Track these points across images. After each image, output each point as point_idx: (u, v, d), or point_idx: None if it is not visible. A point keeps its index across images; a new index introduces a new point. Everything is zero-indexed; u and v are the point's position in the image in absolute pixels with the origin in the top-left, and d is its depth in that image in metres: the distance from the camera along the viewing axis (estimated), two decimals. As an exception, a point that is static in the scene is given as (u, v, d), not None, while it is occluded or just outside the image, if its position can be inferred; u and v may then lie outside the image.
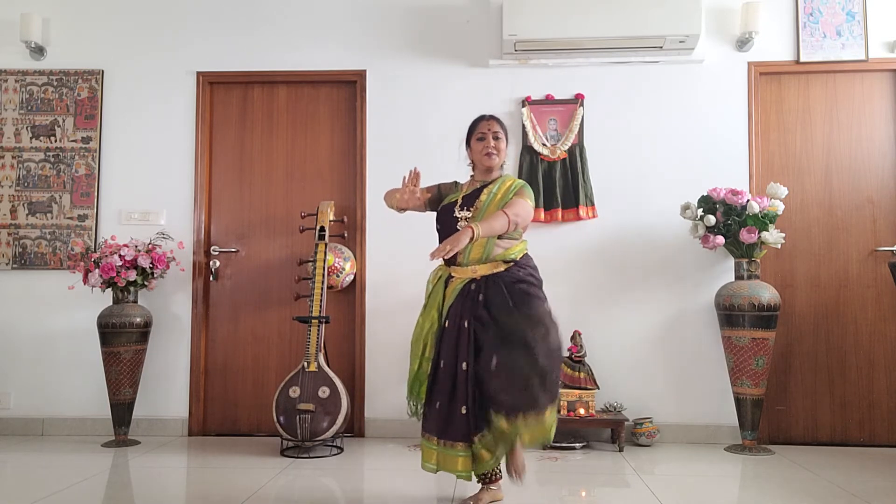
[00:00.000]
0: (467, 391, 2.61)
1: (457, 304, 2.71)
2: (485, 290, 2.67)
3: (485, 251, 2.71)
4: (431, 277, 2.89)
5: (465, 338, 2.64)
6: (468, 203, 2.80)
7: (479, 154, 2.84)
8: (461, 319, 2.67)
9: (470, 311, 2.66)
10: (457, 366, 2.64)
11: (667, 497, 2.99)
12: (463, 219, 2.77)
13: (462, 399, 2.62)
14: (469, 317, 2.66)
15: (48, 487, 3.10)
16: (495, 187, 2.82)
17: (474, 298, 2.68)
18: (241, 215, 4.37)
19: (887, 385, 4.05)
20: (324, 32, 4.34)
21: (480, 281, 2.70)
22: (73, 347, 4.25)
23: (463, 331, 2.66)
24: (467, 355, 2.63)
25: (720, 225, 3.80)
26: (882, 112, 4.17)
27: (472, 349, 2.62)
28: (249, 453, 3.77)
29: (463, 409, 2.61)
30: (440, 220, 2.86)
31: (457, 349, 2.65)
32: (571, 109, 4.21)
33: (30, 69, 4.38)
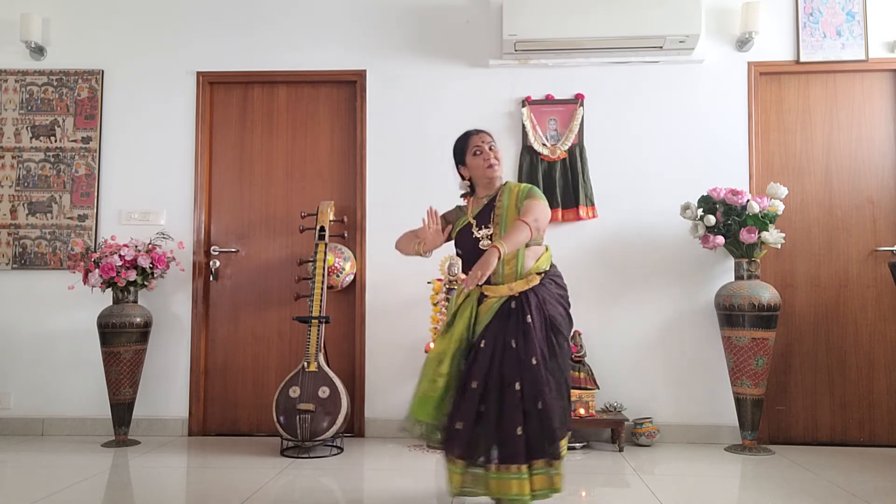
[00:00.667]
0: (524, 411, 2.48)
1: (497, 324, 2.58)
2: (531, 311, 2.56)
3: (518, 265, 2.63)
4: (457, 296, 2.77)
5: (515, 357, 2.52)
6: (483, 221, 2.70)
7: (481, 169, 2.72)
8: (507, 338, 2.54)
9: (516, 331, 2.55)
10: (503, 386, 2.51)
11: (667, 497, 2.99)
12: (484, 237, 2.66)
13: (518, 420, 2.47)
14: (516, 337, 2.54)
15: (48, 487, 3.10)
16: (504, 197, 2.71)
17: (520, 318, 2.56)
18: (241, 215, 4.37)
19: (887, 385, 4.05)
20: (324, 32, 4.35)
21: (520, 298, 2.59)
22: (73, 347, 4.25)
23: (510, 349, 2.53)
24: (521, 375, 2.50)
25: (720, 225, 3.80)
26: (882, 112, 4.17)
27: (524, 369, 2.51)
28: (249, 453, 3.77)
29: (519, 430, 2.47)
30: (461, 245, 2.76)
31: (501, 369, 2.52)
32: (571, 109, 4.21)
33: (30, 69, 4.38)
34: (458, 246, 2.77)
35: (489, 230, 2.67)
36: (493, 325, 2.58)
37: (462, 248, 2.76)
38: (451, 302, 2.80)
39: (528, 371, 2.49)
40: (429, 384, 2.62)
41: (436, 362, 2.63)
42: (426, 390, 2.62)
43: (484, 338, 2.58)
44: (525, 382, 2.49)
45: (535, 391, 2.49)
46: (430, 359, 2.67)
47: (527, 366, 2.50)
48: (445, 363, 2.60)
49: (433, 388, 2.60)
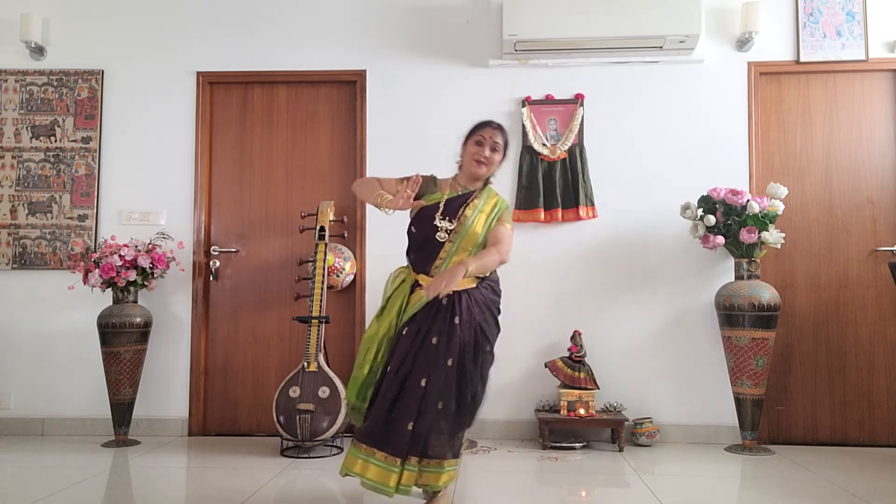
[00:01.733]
0: (420, 408, 2.49)
1: (424, 316, 2.58)
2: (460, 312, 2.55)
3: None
4: (392, 280, 2.77)
5: (431, 354, 2.52)
6: (450, 213, 2.66)
7: (470, 158, 2.70)
8: (429, 334, 2.54)
9: (440, 329, 2.54)
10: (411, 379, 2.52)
11: (667, 497, 2.99)
12: (443, 230, 2.63)
13: (412, 415, 2.49)
14: (439, 335, 2.53)
15: (48, 487, 3.10)
16: (481, 202, 2.69)
17: (447, 317, 2.55)
18: (241, 215, 4.37)
19: (887, 385, 4.05)
20: (324, 32, 4.35)
21: (452, 297, 2.57)
22: (73, 347, 4.25)
23: (429, 346, 2.53)
24: (429, 372, 2.51)
25: (720, 225, 3.80)
26: (882, 112, 4.17)
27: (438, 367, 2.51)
28: (249, 453, 3.77)
29: (410, 425, 2.49)
30: (418, 223, 2.71)
31: (414, 362, 2.53)
32: (571, 109, 4.21)
33: (30, 69, 4.38)
34: (415, 224, 2.72)
35: (451, 225, 2.64)
36: (420, 316, 2.58)
37: (417, 228, 2.70)
38: (387, 286, 2.78)
39: (440, 370, 2.50)
40: (358, 369, 2.65)
41: (365, 347, 2.65)
42: (356, 373, 2.65)
43: (408, 326, 2.58)
44: (431, 380, 2.49)
45: (441, 392, 2.49)
46: (362, 343, 2.69)
47: (440, 365, 2.50)
48: (373, 349, 2.62)
49: (360, 373, 2.63)
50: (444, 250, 2.63)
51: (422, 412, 2.49)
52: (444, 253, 2.63)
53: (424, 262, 2.66)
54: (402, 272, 2.76)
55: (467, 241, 2.63)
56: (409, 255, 2.76)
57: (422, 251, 2.68)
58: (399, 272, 2.77)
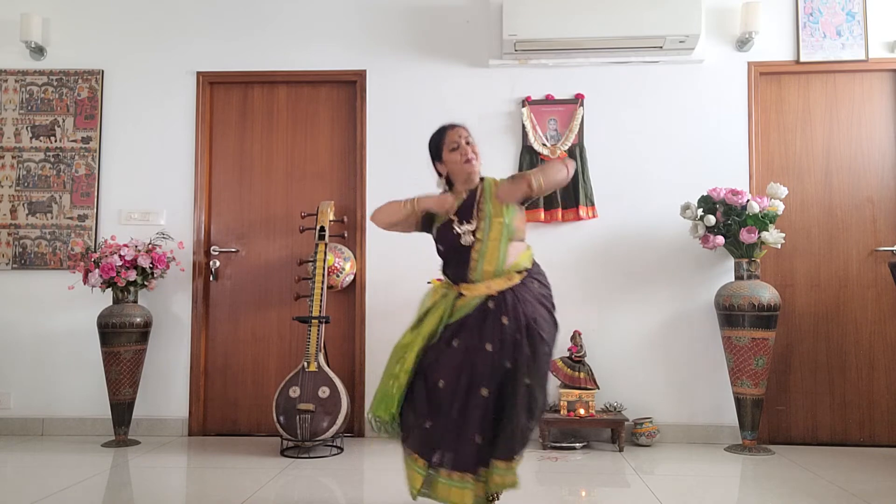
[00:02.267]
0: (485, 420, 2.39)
1: (473, 323, 2.47)
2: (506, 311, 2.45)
3: (499, 263, 2.52)
4: (431, 293, 2.68)
5: (488, 361, 2.41)
6: (465, 216, 2.59)
7: (459, 164, 2.63)
8: (482, 341, 2.43)
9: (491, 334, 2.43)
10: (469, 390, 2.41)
11: (667, 497, 2.99)
12: (466, 233, 2.55)
13: (477, 427, 2.38)
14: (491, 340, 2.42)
15: (48, 487, 3.10)
16: (486, 193, 2.63)
17: (496, 319, 2.45)
18: (241, 215, 4.37)
19: (887, 385, 4.05)
20: (324, 32, 4.35)
21: (498, 297, 2.48)
22: (73, 347, 4.25)
23: (484, 354, 2.42)
24: (490, 381, 2.40)
25: (720, 225, 3.80)
26: (882, 112, 4.17)
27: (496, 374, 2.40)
28: (249, 453, 3.77)
29: (478, 438, 2.38)
30: (442, 240, 2.64)
31: (472, 372, 2.41)
32: (571, 109, 4.21)
33: (30, 69, 4.38)
34: (439, 241, 2.65)
35: (471, 226, 2.57)
36: (469, 324, 2.48)
37: (443, 244, 2.64)
38: (425, 298, 2.70)
39: (500, 376, 2.40)
40: (392, 379, 2.54)
41: (399, 356, 2.56)
42: (386, 386, 2.55)
43: (458, 337, 2.48)
44: (492, 390, 2.40)
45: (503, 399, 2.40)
46: (395, 352, 2.60)
47: (498, 370, 2.40)
48: (410, 358, 2.52)
49: (395, 385, 2.52)
50: (475, 250, 2.55)
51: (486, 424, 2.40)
52: (476, 253, 2.54)
53: (461, 271, 2.57)
54: (442, 287, 2.66)
55: (496, 232, 2.54)
56: (446, 271, 2.67)
57: (454, 262, 2.60)
58: (439, 287, 2.67)
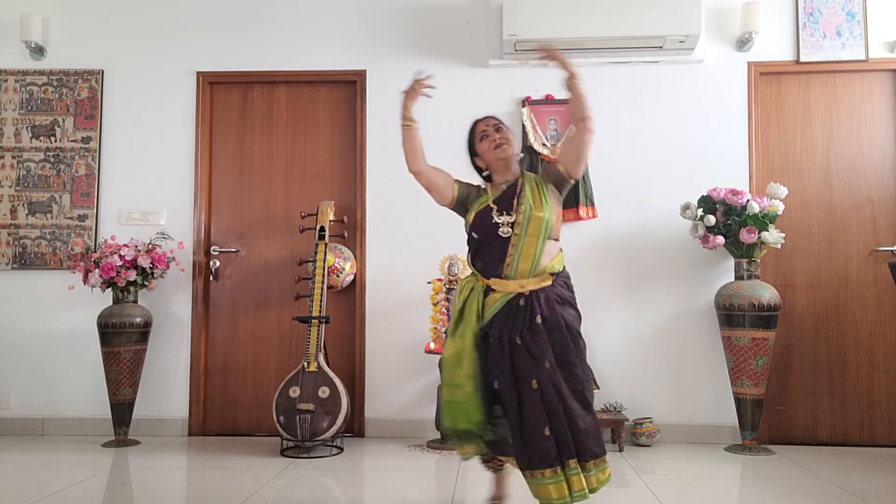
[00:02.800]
0: (547, 410, 2.33)
1: (503, 319, 2.44)
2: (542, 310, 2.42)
3: (534, 261, 2.48)
4: (459, 291, 2.59)
5: (525, 354, 2.38)
6: (504, 207, 2.53)
7: (490, 151, 2.60)
8: (512, 334, 2.40)
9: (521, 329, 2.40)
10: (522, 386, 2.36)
11: (667, 497, 2.99)
12: (505, 224, 2.49)
13: (542, 420, 2.32)
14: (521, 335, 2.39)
15: (48, 487, 3.10)
16: (527, 185, 2.56)
17: (527, 318, 2.41)
18: (241, 215, 4.37)
19: (887, 385, 4.05)
20: (324, 32, 4.34)
21: (530, 297, 2.44)
22: (73, 347, 4.24)
23: (515, 347, 2.39)
24: (534, 372, 2.35)
25: (720, 225, 3.80)
26: (882, 112, 4.17)
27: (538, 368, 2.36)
28: (249, 453, 3.77)
29: (546, 430, 2.32)
30: (478, 228, 2.56)
31: (514, 368, 2.38)
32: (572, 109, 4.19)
33: (30, 69, 4.38)
34: (475, 229, 2.57)
35: (511, 217, 2.50)
36: (498, 321, 2.44)
37: (478, 232, 2.56)
38: (455, 299, 2.63)
39: (543, 372, 2.35)
40: (454, 389, 2.45)
41: (454, 365, 2.46)
42: (452, 397, 2.45)
43: (490, 335, 2.44)
44: (542, 381, 2.35)
45: (554, 393, 2.35)
46: (447, 363, 2.50)
47: (540, 365, 2.36)
48: (465, 363, 2.43)
49: (461, 393, 2.43)
50: (512, 244, 2.48)
51: (550, 413, 2.33)
52: (513, 248, 2.48)
53: (494, 264, 2.50)
54: (469, 281, 2.58)
55: (534, 227, 2.48)
56: (475, 262, 2.58)
57: (488, 253, 2.52)
58: (465, 283, 2.59)
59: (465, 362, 2.43)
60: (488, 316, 2.46)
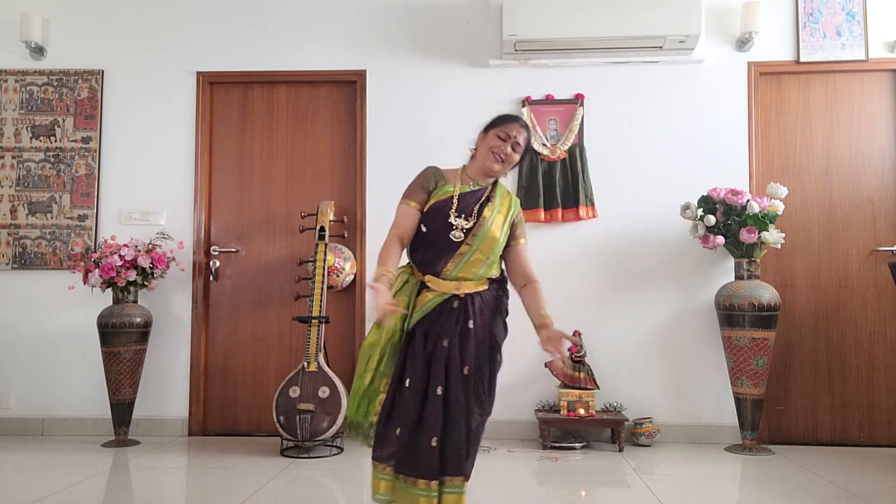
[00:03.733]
0: (440, 420, 2.24)
1: (433, 319, 2.34)
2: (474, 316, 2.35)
3: (478, 274, 2.39)
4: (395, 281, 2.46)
5: (442, 358, 2.28)
6: (465, 210, 2.39)
7: (488, 152, 2.41)
8: (439, 338, 2.31)
9: (451, 332, 2.31)
10: (428, 389, 2.27)
11: (667, 497, 2.99)
12: (459, 229, 2.35)
13: (434, 429, 2.23)
14: (450, 338, 2.30)
15: (48, 487, 3.10)
16: (497, 201, 2.44)
17: (459, 320, 2.33)
18: (241, 215, 4.37)
19: (887, 385, 4.05)
20: (323, 32, 4.34)
21: (465, 300, 2.36)
22: (73, 347, 4.24)
23: (441, 351, 2.29)
24: (444, 379, 2.27)
25: (720, 225, 3.80)
26: (882, 112, 4.17)
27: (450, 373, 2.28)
28: (249, 453, 3.77)
29: (434, 440, 2.22)
30: (430, 221, 2.41)
31: (428, 370, 2.29)
32: (571, 109, 4.21)
33: (30, 69, 4.38)
34: (426, 221, 2.41)
35: (467, 224, 2.36)
36: (429, 319, 2.34)
37: (429, 227, 2.40)
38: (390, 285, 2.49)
39: (457, 379, 2.27)
40: (358, 380, 2.37)
41: (366, 355, 2.37)
42: (356, 387, 2.38)
43: (415, 332, 2.34)
44: (451, 389, 2.25)
45: (460, 401, 2.26)
46: (362, 351, 2.40)
47: (456, 372, 2.27)
48: (375, 357, 2.35)
49: (361, 384, 2.36)
50: (459, 253, 2.36)
51: (446, 426, 2.24)
52: (459, 256, 2.36)
53: (434, 262, 2.39)
54: (403, 273, 2.46)
55: (486, 246, 2.37)
56: (415, 254, 2.47)
57: (432, 250, 2.40)
58: (399, 272, 2.46)
59: (375, 356, 2.35)
60: (417, 316, 2.35)
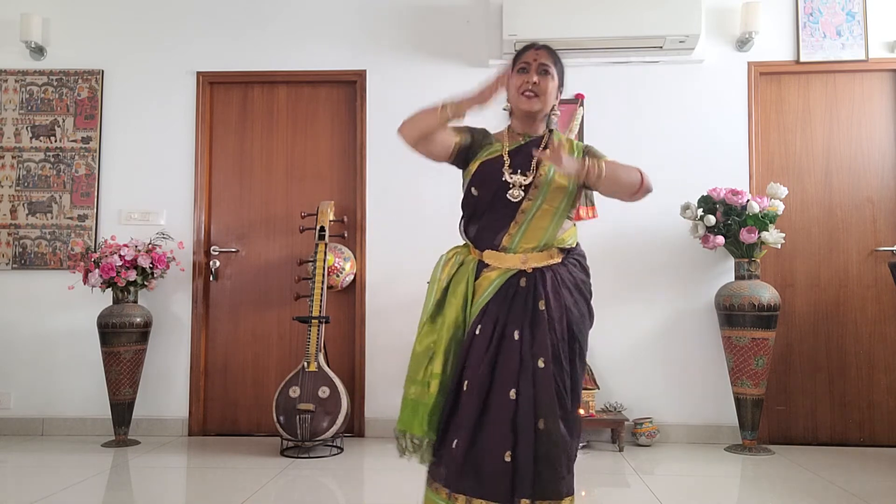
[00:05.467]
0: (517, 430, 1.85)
1: (497, 304, 1.95)
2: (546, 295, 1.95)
3: (546, 236, 2.02)
4: (443, 265, 2.09)
5: (516, 354, 1.89)
6: (520, 163, 2.03)
7: (515, 90, 2.05)
8: (506, 327, 1.92)
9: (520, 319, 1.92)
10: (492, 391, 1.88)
11: (667, 497, 2.99)
12: (517, 185, 1.99)
13: (506, 439, 1.84)
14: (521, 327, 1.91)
15: (48, 487, 3.10)
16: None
17: (528, 303, 1.94)
18: (241, 215, 4.37)
19: (887, 385, 4.05)
20: (324, 32, 4.34)
21: (533, 276, 1.97)
22: (73, 347, 4.24)
23: (510, 344, 1.90)
24: (518, 379, 1.87)
25: (720, 225, 3.80)
26: (882, 112, 4.17)
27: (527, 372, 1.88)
28: (249, 453, 3.77)
29: (507, 455, 1.83)
30: (481, 182, 2.04)
31: (493, 369, 1.90)
32: (571, 109, 4.20)
33: (30, 69, 4.38)
34: (476, 183, 2.05)
35: (526, 178, 2.00)
36: (492, 306, 1.96)
37: (481, 189, 2.04)
38: (436, 274, 2.11)
39: (531, 375, 1.88)
40: (419, 388, 2.01)
41: (425, 358, 2.02)
42: (417, 395, 2.01)
43: (480, 322, 1.96)
44: (523, 390, 1.87)
45: (537, 404, 1.86)
46: (418, 354, 2.06)
47: (529, 367, 1.88)
48: (438, 359, 1.98)
49: (425, 393, 1.99)
50: (522, 212, 2.00)
51: (519, 436, 1.85)
52: (522, 216, 2.00)
53: (493, 232, 2.02)
54: (458, 253, 2.10)
55: (552, 198, 2.02)
56: (469, 228, 2.10)
57: (487, 217, 2.02)
58: (452, 254, 2.11)
59: (439, 358, 1.98)
60: (480, 303, 1.97)
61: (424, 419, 1.97)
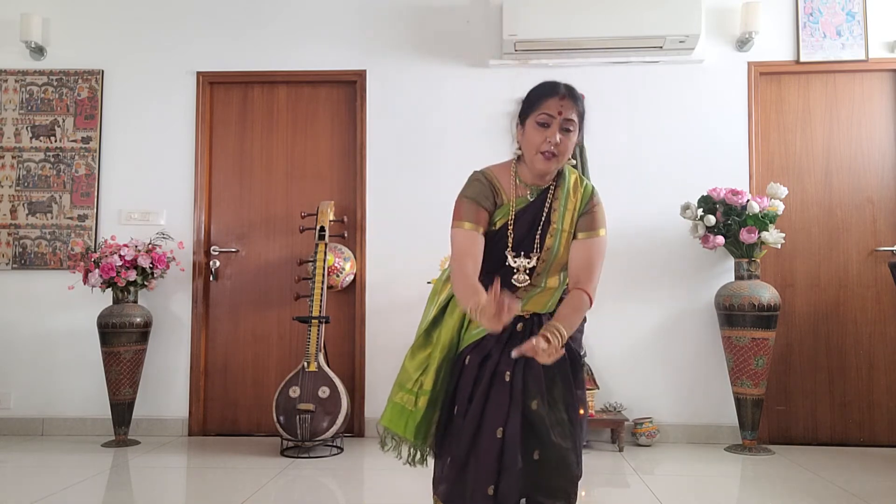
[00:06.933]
0: (501, 465, 1.82)
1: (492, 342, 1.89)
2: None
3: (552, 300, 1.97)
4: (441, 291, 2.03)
5: (506, 395, 1.84)
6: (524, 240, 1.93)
7: (533, 148, 1.90)
8: (499, 365, 1.87)
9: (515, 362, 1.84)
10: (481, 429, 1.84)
11: (667, 497, 2.99)
12: (521, 270, 1.91)
13: (491, 475, 1.81)
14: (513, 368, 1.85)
15: (48, 487, 3.10)
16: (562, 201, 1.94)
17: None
18: (241, 215, 4.37)
19: (887, 385, 4.05)
20: (324, 32, 4.34)
21: (531, 321, 1.93)
22: (73, 347, 4.24)
23: (502, 383, 1.85)
24: (507, 418, 1.83)
25: (720, 225, 3.80)
26: (882, 112, 4.16)
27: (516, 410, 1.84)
28: (249, 453, 3.77)
29: (490, 489, 1.81)
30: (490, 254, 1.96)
31: (485, 404, 1.85)
32: (571, 109, 4.20)
33: (30, 69, 4.38)
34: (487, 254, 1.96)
35: (530, 262, 1.90)
36: (486, 342, 1.89)
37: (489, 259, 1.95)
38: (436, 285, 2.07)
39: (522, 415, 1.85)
40: (408, 395, 1.97)
41: (417, 371, 1.97)
42: (403, 401, 1.97)
43: (471, 354, 1.90)
44: (509, 429, 1.83)
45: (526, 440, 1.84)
46: (410, 366, 1.99)
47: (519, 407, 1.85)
48: (429, 376, 1.93)
49: (412, 403, 1.95)
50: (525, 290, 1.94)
51: (502, 473, 1.82)
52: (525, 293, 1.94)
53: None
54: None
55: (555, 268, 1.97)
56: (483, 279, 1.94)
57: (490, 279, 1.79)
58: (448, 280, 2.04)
59: (430, 375, 1.93)
60: (475, 335, 1.91)
61: (411, 427, 1.95)
